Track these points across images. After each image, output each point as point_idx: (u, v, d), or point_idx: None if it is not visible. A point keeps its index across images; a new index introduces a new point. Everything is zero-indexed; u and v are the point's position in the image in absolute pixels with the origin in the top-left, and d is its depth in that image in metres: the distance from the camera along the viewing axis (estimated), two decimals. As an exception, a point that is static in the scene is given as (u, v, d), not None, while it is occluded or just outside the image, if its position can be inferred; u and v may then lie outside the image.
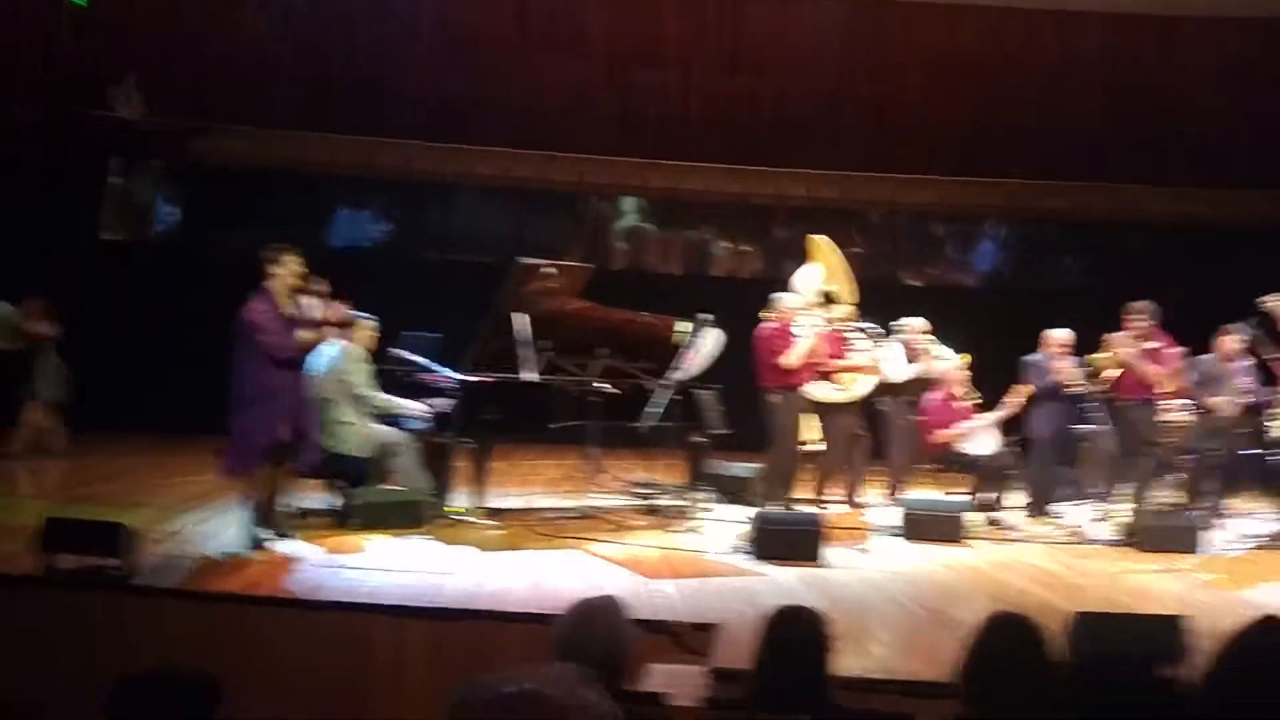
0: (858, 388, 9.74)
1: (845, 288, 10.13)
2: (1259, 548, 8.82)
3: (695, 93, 13.70)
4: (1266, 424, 9.10)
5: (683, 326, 8.99)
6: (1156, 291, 10.02)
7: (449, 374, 8.35)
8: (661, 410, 8.63)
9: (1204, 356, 9.65)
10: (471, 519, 8.11)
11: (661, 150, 13.74)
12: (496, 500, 8.54)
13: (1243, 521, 9.64)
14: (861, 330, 9.93)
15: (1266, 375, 9.42)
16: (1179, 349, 9.78)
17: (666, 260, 14.88)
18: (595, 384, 8.66)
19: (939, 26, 13.81)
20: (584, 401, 8.59)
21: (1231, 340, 9.40)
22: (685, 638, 5.66)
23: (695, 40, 13.94)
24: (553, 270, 8.61)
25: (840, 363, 9.68)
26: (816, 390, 9.52)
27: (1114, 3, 13.23)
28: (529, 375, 8.30)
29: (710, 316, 8.87)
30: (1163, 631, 4.50)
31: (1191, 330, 9.77)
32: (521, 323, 8.35)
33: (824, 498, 9.71)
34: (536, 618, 5.49)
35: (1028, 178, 13.70)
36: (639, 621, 5.81)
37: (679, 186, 14.11)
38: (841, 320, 9.81)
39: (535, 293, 8.51)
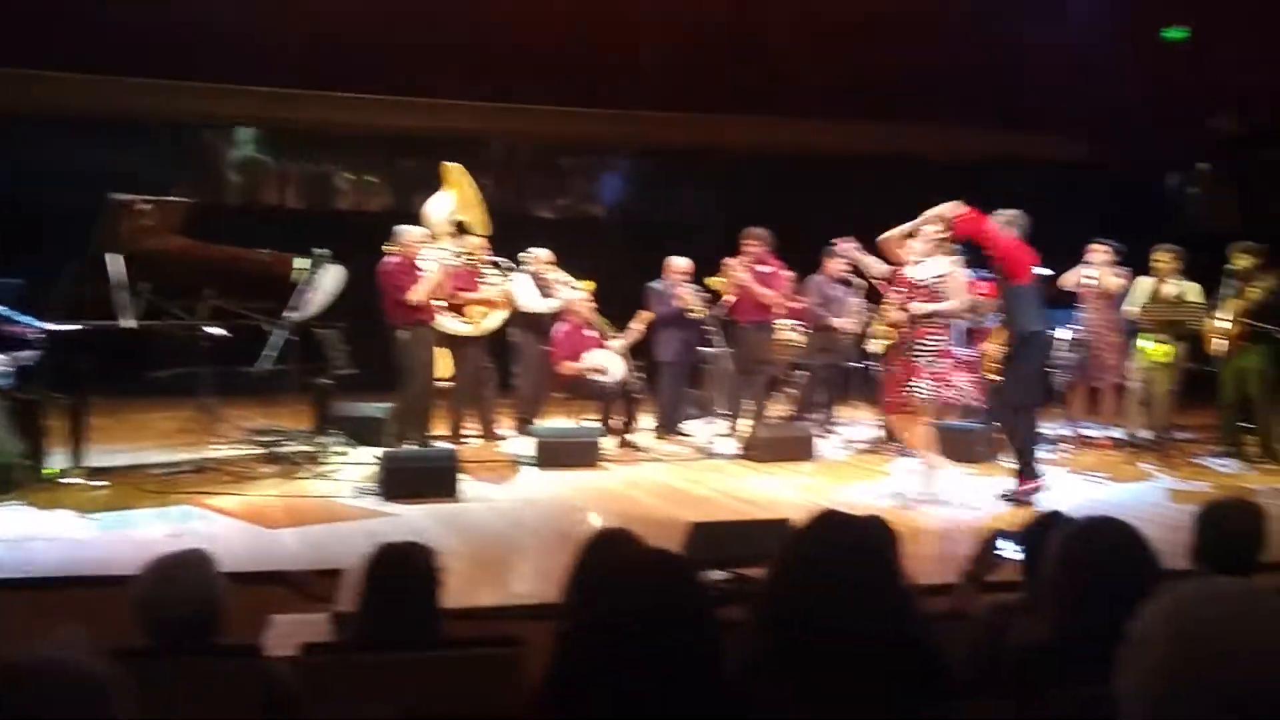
0: (488, 322, 9.68)
1: (478, 218, 9.99)
2: (862, 452, 9.51)
3: (312, 17, 13.00)
4: (869, 339, 9.78)
5: (301, 263, 8.56)
6: (770, 219, 10.51)
7: (33, 324, 7.57)
8: (279, 352, 8.20)
9: (817, 278, 10.22)
10: (71, 480, 7.44)
11: (281, 79, 12.99)
12: (101, 459, 7.86)
13: (851, 428, 10.39)
14: (494, 263, 9.85)
15: (870, 293, 10.09)
16: (790, 273, 10.34)
17: (287, 194, 14.23)
18: (204, 327, 8.13)
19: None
20: (193, 347, 8.05)
21: (837, 262, 9.98)
22: (308, 586, 5.46)
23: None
24: (147, 206, 7.96)
25: (471, 295, 9.58)
26: (448, 324, 9.40)
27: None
28: (125, 321, 7.67)
29: (327, 252, 8.48)
30: (769, 534, 4.69)
31: (805, 256, 10.36)
32: (116, 264, 7.69)
33: (459, 434, 9.62)
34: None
35: (649, 109, 13.96)
36: (257, 574, 5.63)
37: (298, 116, 13.45)
38: (472, 252, 9.69)
39: (131, 231, 7.86)
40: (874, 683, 2.06)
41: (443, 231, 9.68)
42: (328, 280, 8.60)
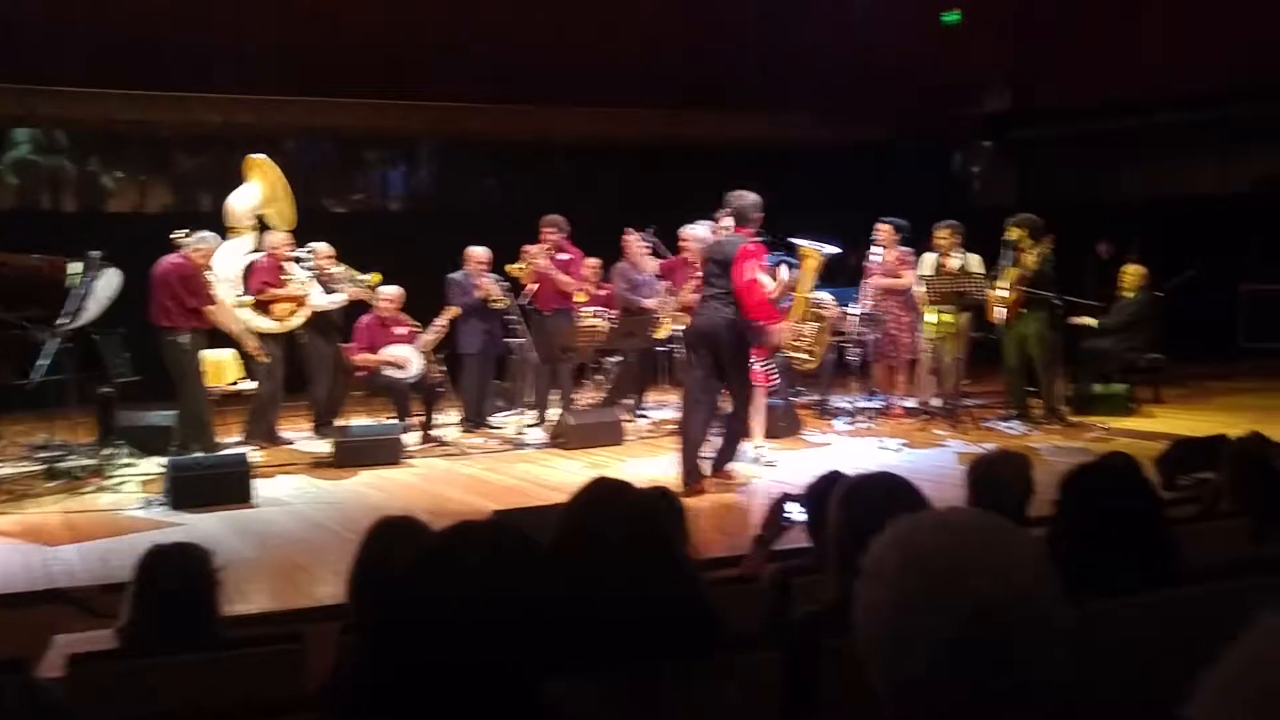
0: (295, 319, 9.42)
1: (283, 211, 9.68)
2: (670, 433, 9.61)
3: (78, 10, 12.35)
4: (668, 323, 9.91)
5: (74, 268, 8.15)
6: (569, 208, 10.51)
7: None
8: (55, 362, 7.78)
9: (620, 264, 10.28)
10: None
11: (57, 76, 12.28)
12: None
13: (660, 411, 10.46)
14: (297, 259, 9.57)
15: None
16: (595, 260, 10.40)
17: (61, 197, 13.52)
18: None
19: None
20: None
21: (635, 242, 10.07)
22: (93, 602, 5.22)
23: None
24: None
25: (280, 292, 9.31)
26: (256, 322, 9.13)
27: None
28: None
29: (99, 254, 8.07)
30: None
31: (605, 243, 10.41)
32: None
33: (248, 439, 9.33)
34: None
35: (445, 100, 13.79)
36: (36, 594, 5.35)
37: (69, 115, 12.77)
38: (277, 247, 9.40)
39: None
40: (648, 640, 2.08)
41: (245, 225, 9.38)
42: (103, 285, 8.20)
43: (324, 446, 9.01)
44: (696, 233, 8.79)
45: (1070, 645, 1.30)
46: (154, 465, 8.08)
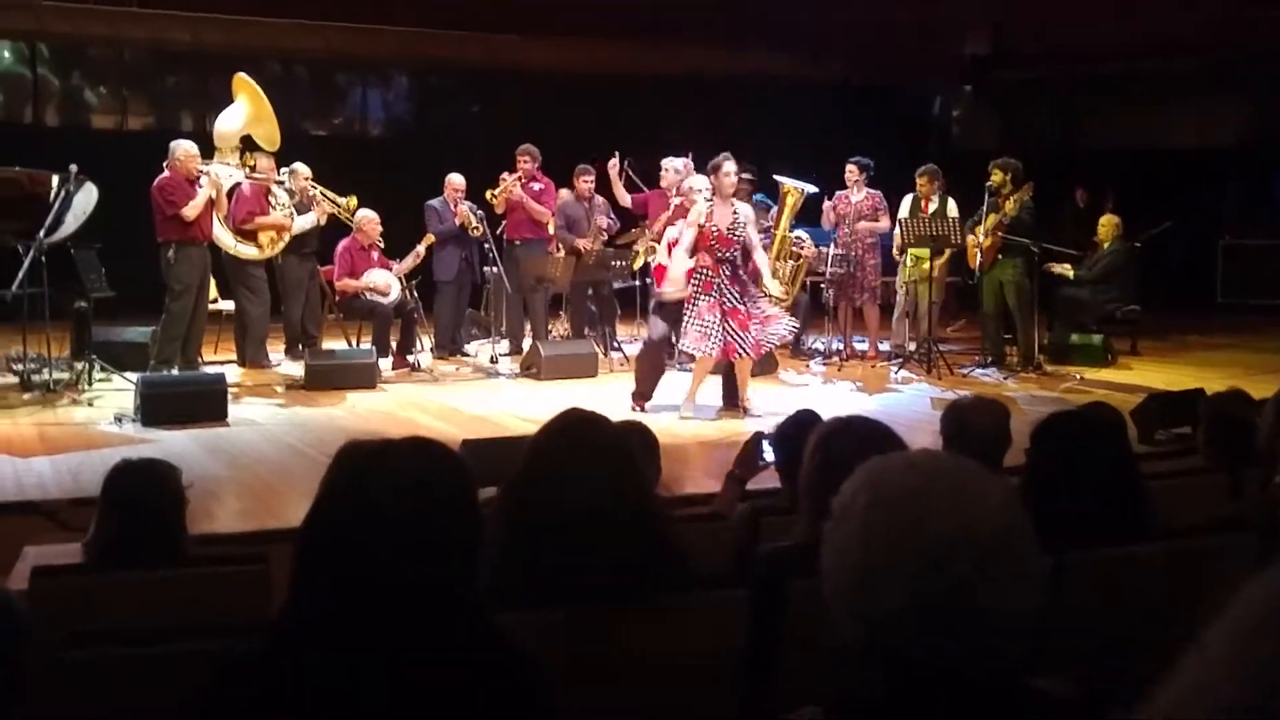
0: (279, 246, 9.36)
1: (268, 133, 9.56)
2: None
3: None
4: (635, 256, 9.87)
5: (53, 182, 8.06)
6: (544, 137, 10.42)
7: None
8: (32, 274, 7.73)
9: (563, 199, 10.16)
10: None
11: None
12: None
13: (634, 346, 10.42)
14: (280, 182, 9.47)
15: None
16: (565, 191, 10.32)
17: (43, 111, 13.35)
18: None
19: None
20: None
21: (585, 181, 10.00)
22: (62, 515, 5.24)
23: None
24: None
25: (265, 220, 9.24)
26: (239, 249, 9.11)
27: None
28: None
29: (76, 168, 7.98)
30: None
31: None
32: None
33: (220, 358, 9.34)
34: None
35: (418, 25, 13.62)
36: (7, 504, 5.35)
37: (48, 30, 12.55)
38: (262, 171, 9.31)
39: None
40: (612, 575, 2.09)
41: (230, 146, 9.29)
42: (81, 199, 8.12)
43: (297, 369, 8.99)
44: (676, 164, 8.84)
45: (1041, 592, 1.31)
46: (129, 381, 8.04)
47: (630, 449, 2.39)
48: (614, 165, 9.84)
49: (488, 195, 9.94)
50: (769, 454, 3.62)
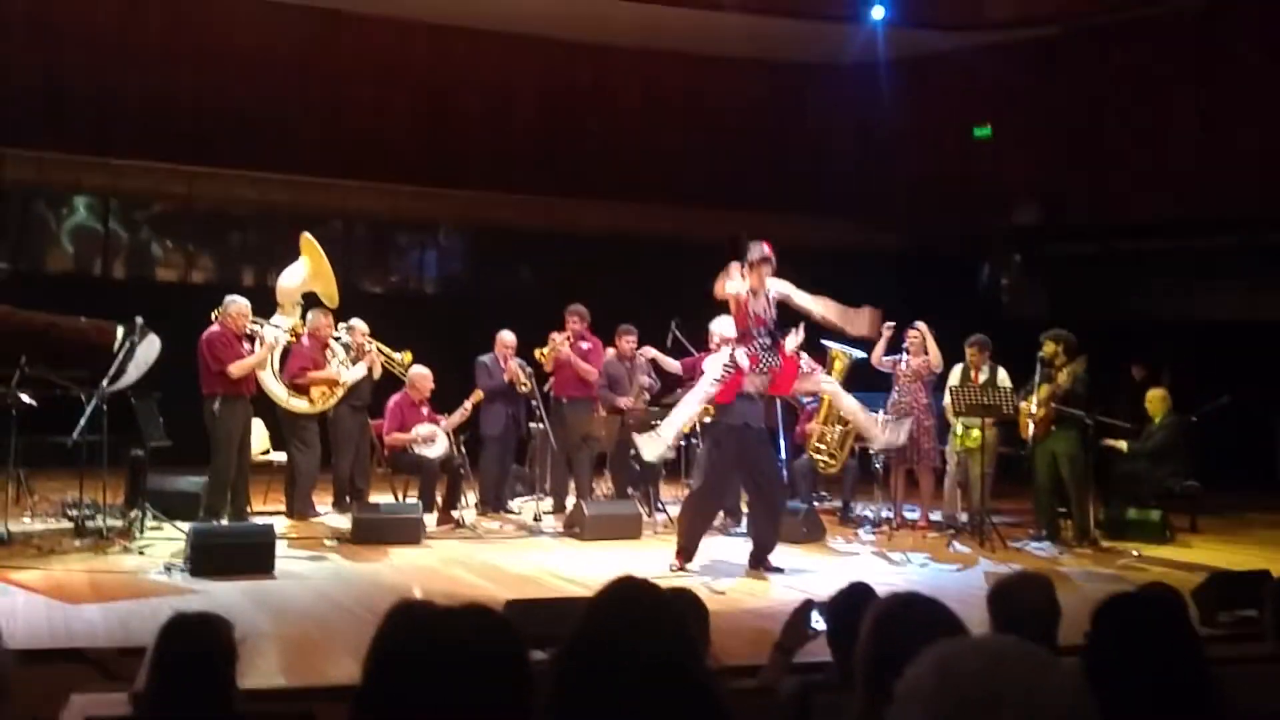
0: (330, 401, 9.50)
1: (328, 290, 9.78)
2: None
3: (134, 85, 12.72)
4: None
5: (118, 332, 8.29)
6: (592, 297, 10.60)
7: None
8: (93, 422, 7.89)
9: (609, 358, 10.24)
10: None
11: (102, 146, 12.61)
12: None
13: (678, 507, 10.36)
14: (337, 338, 9.68)
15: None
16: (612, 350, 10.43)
17: (113, 264, 13.78)
18: (14, 396, 7.83)
19: (390, 38, 13.83)
20: (3, 415, 7.84)
21: (627, 340, 10.12)
22: (110, 664, 5.23)
23: (132, 29, 12.95)
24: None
25: (318, 375, 9.39)
26: (292, 403, 9.27)
27: (549, 28, 13.90)
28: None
29: (140, 321, 8.21)
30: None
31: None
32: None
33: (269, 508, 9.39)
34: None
35: (476, 189, 14.05)
36: (56, 651, 5.36)
37: (121, 186, 13.06)
38: (319, 328, 9.50)
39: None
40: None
41: (291, 302, 9.50)
42: (144, 350, 8.32)
43: (343, 521, 9.02)
44: (724, 327, 8.93)
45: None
46: (179, 529, 8.11)
47: (685, 619, 2.37)
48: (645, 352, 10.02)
49: (536, 354, 10.07)
50: (819, 623, 3.56)
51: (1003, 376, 9.59)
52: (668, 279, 13.77)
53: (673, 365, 10.03)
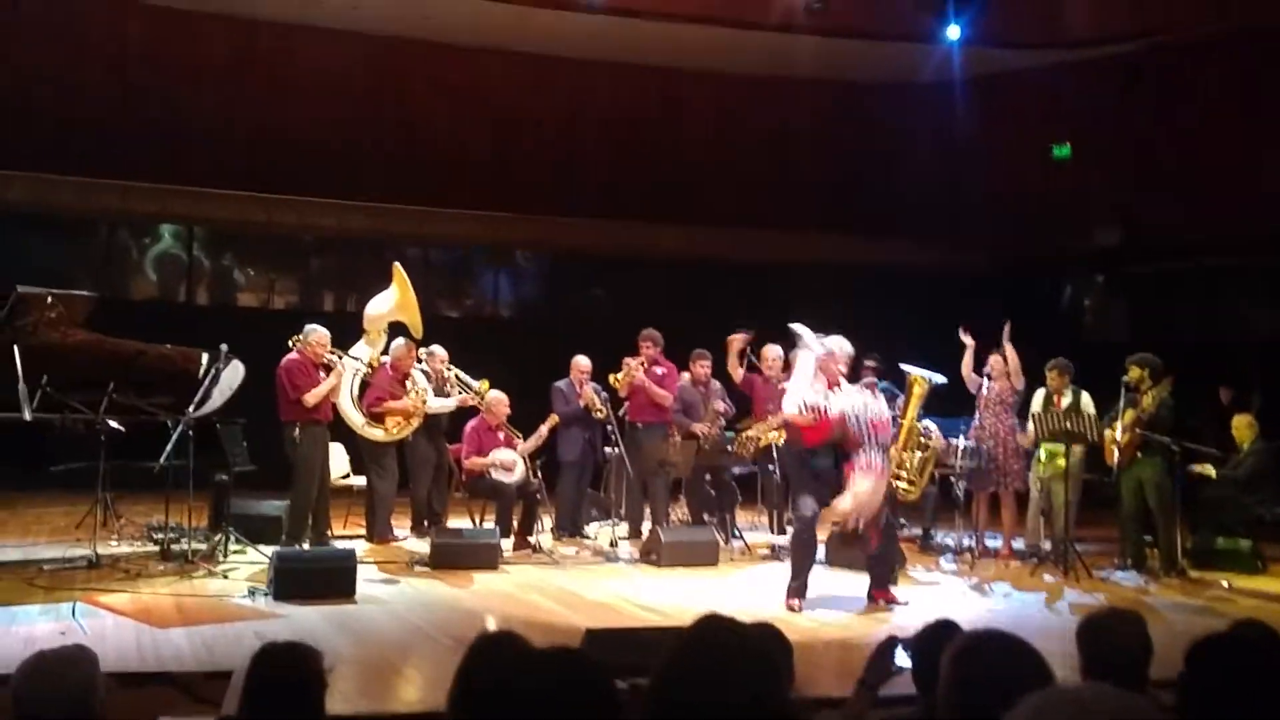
0: (405, 431, 9.58)
1: (413, 320, 9.86)
2: (765, 557, 9.51)
3: (211, 114, 13.02)
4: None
5: (203, 359, 8.47)
6: (666, 322, 10.60)
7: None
8: (178, 448, 8.06)
9: (683, 382, 10.19)
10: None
11: (186, 176, 12.90)
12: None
13: (753, 534, 10.31)
14: (419, 366, 9.78)
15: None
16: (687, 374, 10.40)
17: (196, 290, 14.09)
18: (103, 422, 7.98)
19: (464, 65, 13.99)
20: (92, 441, 7.99)
21: (701, 365, 10.08)
22: (196, 687, 5.32)
23: (232, 63, 13.27)
24: (53, 300, 7.85)
25: (394, 405, 9.47)
26: (369, 431, 9.38)
27: (620, 53, 13.98)
28: (21, 414, 7.50)
29: (225, 348, 8.37)
30: (667, 642, 4.63)
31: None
32: (14, 357, 7.53)
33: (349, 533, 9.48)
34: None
35: (550, 214, 14.15)
36: (144, 674, 5.46)
37: (205, 214, 13.35)
38: (400, 357, 9.59)
39: (35, 324, 7.74)
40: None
41: (377, 330, 9.62)
42: (228, 376, 8.48)
43: (421, 545, 9.09)
44: (779, 351, 9.41)
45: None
46: (262, 553, 8.24)
47: (770, 655, 2.36)
48: (737, 339, 9.93)
49: (611, 379, 10.08)
50: (902, 660, 3.51)
51: (1086, 400, 9.39)
52: (745, 302, 13.78)
53: (737, 374, 9.95)
